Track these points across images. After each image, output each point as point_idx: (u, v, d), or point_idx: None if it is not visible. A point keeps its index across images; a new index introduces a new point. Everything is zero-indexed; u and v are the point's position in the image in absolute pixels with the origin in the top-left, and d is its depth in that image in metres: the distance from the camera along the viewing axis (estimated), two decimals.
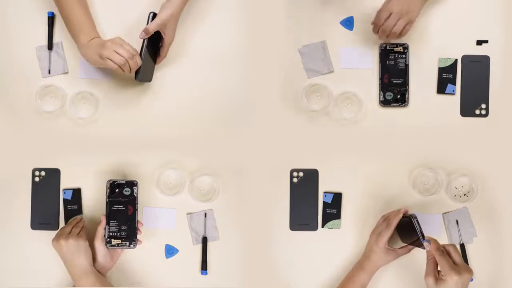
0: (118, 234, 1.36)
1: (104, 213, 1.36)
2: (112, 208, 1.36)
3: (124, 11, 1.45)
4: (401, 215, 1.35)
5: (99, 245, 1.36)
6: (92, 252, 1.35)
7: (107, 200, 1.36)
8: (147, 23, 1.36)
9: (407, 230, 1.33)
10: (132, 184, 1.36)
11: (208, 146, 1.44)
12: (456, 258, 1.19)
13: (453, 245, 1.23)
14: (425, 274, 1.22)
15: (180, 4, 1.37)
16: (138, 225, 1.37)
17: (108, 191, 1.36)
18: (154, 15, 1.37)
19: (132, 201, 1.36)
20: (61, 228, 1.38)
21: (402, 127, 1.45)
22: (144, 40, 1.36)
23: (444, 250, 1.20)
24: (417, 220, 1.29)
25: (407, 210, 1.38)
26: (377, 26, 1.40)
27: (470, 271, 1.17)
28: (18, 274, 1.43)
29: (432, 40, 1.45)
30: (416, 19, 1.40)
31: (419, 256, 1.38)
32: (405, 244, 1.37)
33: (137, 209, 1.36)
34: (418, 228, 1.28)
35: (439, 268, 1.20)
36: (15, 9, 1.45)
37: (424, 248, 1.25)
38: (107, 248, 1.36)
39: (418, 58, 1.45)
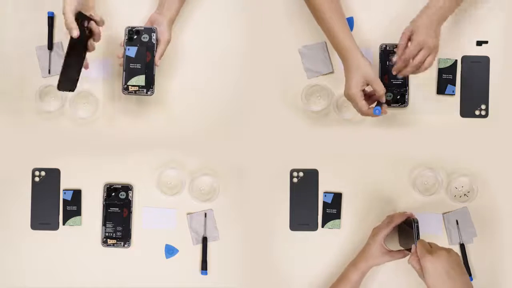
0: (114, 234, 1.42)
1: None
2: (109, 210, 1.42)
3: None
4: (405, 217, 1.34)
5: None
6: None
7: (104, 203, 1.42)
8: (125, 40, 1.34)
9: (407, 236, 1.33)
10: (127, 188, 1.43)
11: (208, 146, 1.45)
12: (432, 245, 1.22)
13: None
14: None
15: (174, 13, 1.37)
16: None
17: (105, 195, 1.42)
18: (132, 31, 1.34)
19: (127, 204, 1.42)
20: None
21: (402, 128, 1.45)
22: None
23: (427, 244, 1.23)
24: (417, 225, 1.28)
25: (414, 216, 1.39)
26: (405, 62, 1.30)
27: (444, 250, 1.19)
28: (18, 274, 1.43)
29: None
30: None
31: None
32: (401, 248, 1.36)
33: (131, 212, 1.42)
34: (416, 232, 1.28)
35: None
36: (15, 9, 1.44)
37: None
38: None
39: None
